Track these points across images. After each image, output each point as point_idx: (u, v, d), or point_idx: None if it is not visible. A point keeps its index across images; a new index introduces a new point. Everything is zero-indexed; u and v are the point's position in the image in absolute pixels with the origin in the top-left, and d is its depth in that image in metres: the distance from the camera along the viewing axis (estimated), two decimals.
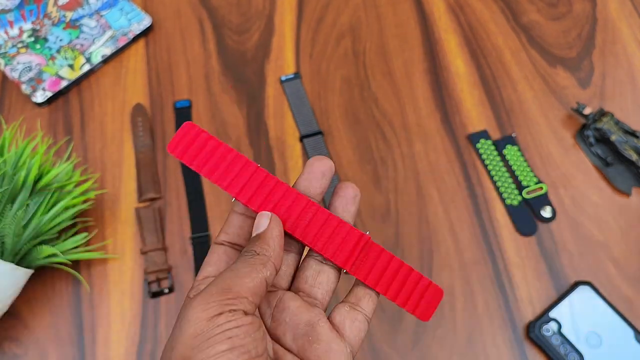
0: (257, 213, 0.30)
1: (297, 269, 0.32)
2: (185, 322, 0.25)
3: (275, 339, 0.30)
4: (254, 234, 0.29)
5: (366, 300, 0.31)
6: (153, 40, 0.66)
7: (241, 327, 0.25)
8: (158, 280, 0.52)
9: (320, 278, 0.31)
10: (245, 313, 0.25)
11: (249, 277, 0.26)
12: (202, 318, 0.25)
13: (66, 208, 0.51)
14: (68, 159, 0.59)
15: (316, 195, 0.31)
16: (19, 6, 0.67)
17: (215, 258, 0.31)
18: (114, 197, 0.57)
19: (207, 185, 0.57)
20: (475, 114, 0.61)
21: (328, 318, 0.30)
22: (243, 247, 0.31)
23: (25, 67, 0.62)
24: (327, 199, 0.56)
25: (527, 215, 0.55)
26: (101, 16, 0.66)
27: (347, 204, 0.32)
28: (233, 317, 0.25)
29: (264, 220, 0.29)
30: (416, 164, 0.58)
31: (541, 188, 0.56)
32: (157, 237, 0.54)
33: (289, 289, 0.32)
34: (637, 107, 0.61)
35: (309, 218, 0.30)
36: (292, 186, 0.31)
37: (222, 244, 0.31)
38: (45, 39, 0.64)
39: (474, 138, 0.59)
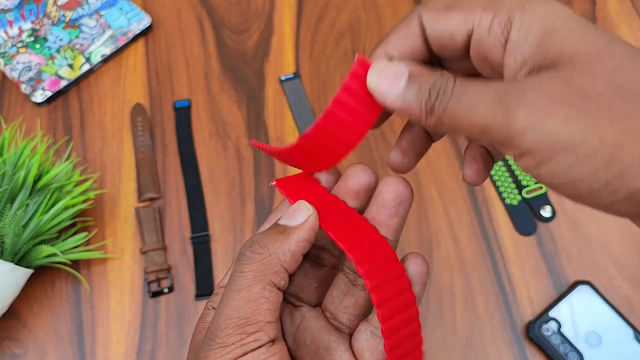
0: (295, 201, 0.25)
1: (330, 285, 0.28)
2: None
3: None
4: (280, 221, 0.24)
5: None
6: (152, 40, 0.66)
7: None
8: (158, 280, 0.52)
9: (347, 301, 0.27)
10: (272, 341, 0.22)
11: (263, 297, 0.22)
12: None
13: (66, 208, 0.51)
14: (68, 158, 0.59)
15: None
16: (19, 6, 0.67)
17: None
18: (114, 196, 0.57)
19: (207, 185, 0.57)
20: None
21: (351, 342, 0.26)
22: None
23: (25, 67, 0.62)
24: None
25: (527, 215, 0.55)
26: (101, 16, 0.66)
27: (385, 213, 0.26)
28: (262, 356, 0.21)
29: (301, 215, 0.24)
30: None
31: (541, 187, 0.56)
32: (157, 236, 0.54)
33: (318, 304, 0.28)
34: None
35: (357, 233, 0.25)
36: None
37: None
38: (45, 39, 0.64)
39: None
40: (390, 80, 0.22)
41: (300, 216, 0.24)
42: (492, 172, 0.57)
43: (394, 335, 0.24)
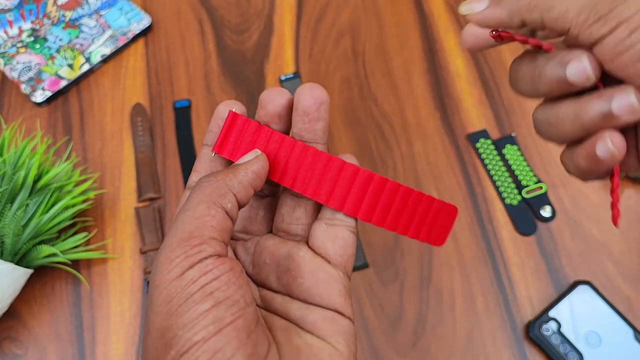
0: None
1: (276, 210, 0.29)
2: (153, 289, 0.21)
3: (261, 285, 0.27)
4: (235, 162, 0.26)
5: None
6: (152, 40, 0.66)
7: (221, 278, 0.21)
8: None
9: (297, 213, 0.28)
10: (219, 256, 0.22)
11: (208, 214, 0.23)
12: (170, 279, 0.21)
13: (66, 208, 0.51)
14: (67, 158, 0.59)
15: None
16: (19, 6, 0.67)
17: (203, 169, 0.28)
18: (114, 196, 0.57)
19: None
20: (474, 113, 0.61)
21: (308, 244, 0.27)
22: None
23: (25, 67, 0.62)
24: None
25: (527, 215, 0.55)
26: (100, 16, 0.66)
27: (309, 120, 0.27)
28: (208, 267, 0.21)
29: (250, 155, 0.26)
30: (416, 164, 0.58)
31: (541, 187, 0.56)
32: (157, 236, 0.54)
33: (269, 232, 0.29)
34: None
35: (295, 158, 0.27)
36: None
37: (190, 188, 0.28)
38: (45, 39, 0.64)
39: (473, 138, 0.59)
40: (477, 0, 0.26)
41: (250, 155, 0.26)
42: (492, 172, 0.58)
43: (382, 213, 0.26)
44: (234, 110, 0.27)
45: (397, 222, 0.26)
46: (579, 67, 0.23)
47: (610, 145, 0.23)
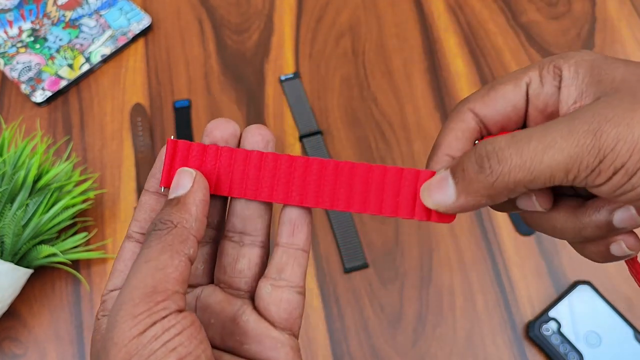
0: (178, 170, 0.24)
1: (217, 256, 0.27)
2: (111, 345, 0.20)
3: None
4: (170, 196, 0.23)
5: (290, 267, 0.25)
6: (152, 40, 0.66)
7: (183, 333, 0.20)
8: None
9: (240, 265, 0.26)
10: (180, 311, 0.21)
11: (171, 265, 0.21)
12: (131, 336, 0.20)
13: (66, 208, 0.51)
14: (67, 158, 0.59)
15: None
16: (18, 6, 0.67)
17: (124, 259, 0.25)
18: (114, 196, 0.57)
19: None
20: None
21: (254, 305, 0.26)
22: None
23: (25, 67, 0.62)
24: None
25: None
26: (100, 16, 0.66)
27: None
28: (170, 323, 0.20)
29: (186, 180, 0.24)
30: (416, 164, 0.58)
31: None
32: None
33: (211, 282, 0.27)
34: None
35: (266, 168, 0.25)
36: None
37: (131, 238, 0.25)
38: (45, 39, 0.64)
39: None
40: (439, 188, 0.23)
41: (186, 181, 0.24)
42: None
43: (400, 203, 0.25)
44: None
45: (395, 206, 0.25)
46: (627, 215, 0.22)
47: (624, 247, 0.23)
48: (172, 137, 0.27)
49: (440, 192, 0.23)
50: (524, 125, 0.24)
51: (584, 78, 0.22)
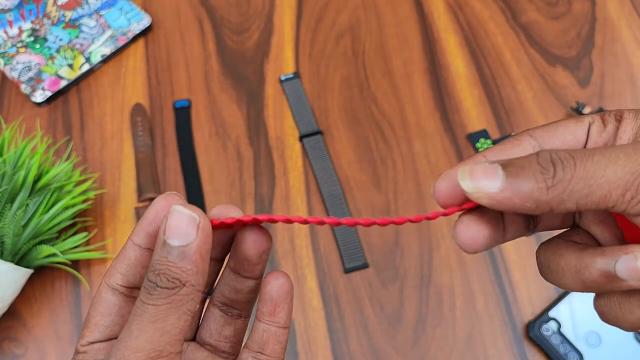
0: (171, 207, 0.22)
1: (201, 317, 0.27)
2: None
3: None
4: (171, 241, 0.21)
5: (271, 344, 0.26)
6: (152, 40, 0.66)
7: None
8: None
9: (226, 331, 0.26)
10: None
11: (177, 327, 0.21)
12: None
13: (66, 208, 0.51)
14: (67, 158, 0.59)
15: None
16: (19, 6, 0.67)
17: (107, 312, 0.23)
18: (114, 197, 0.57)
19: (207, 185, 0.57)
20: (474, 113, 0.61)
21: None
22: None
23: (25, 67, 0.62)
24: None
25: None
26: (100, 16, 0.66)
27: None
28: None
29: (190, 228, 0.21)
30: (416, 164, 0.58)
31: None
32: None
33: (193, 339, 0.27)
34: (637, 106, 0.61)
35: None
36: None
37: (115, 290, 0.23)
38: (45, 39, 0.64)
39: (473, 137, 0.59)
40: (486, 173, 0.21)
41: (191, 228, 0.21)
42: None
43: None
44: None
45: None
46: (631, 264, 0.20)
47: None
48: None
49: (486, 178, 0.20)
50: None
51: None
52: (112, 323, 0.23)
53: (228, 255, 0.27)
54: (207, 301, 0.27)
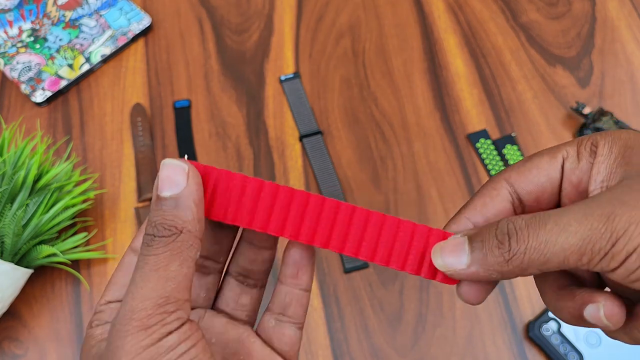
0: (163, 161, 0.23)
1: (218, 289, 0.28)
2: (122, 354, 0.20)
3: None
4: (162, 193, 0.22)
5: (293, 306, 0.26)
6: (152, 40, 0.66)
7: (197, 345, 0.21)
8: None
9: (243, 300, 0.27)
10: (192, 321, 0.21)
11: (181, 273, 0.21)
12: (145, 346, 0.20)
13: (66, 208, 0.51)
14: (67, 158, 0.59)
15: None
16: (19, 6, 0.67)
17: (128, 272, 0.25)
18: (114, 196, 0.57)
19: None
20: (474, 113, 0.61)
21: (256, 331, 0.27)
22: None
23: (25, 67, 0.62)
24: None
25: None
26: (100, 16, 0.66)
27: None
28: (185, 336, 0.20)
29: (179, 177, 0.22)
30: (416, 164, 0.58)
31: None
32: None
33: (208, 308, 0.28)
34: (637, 106, 0.61)
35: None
36: None
37: (137, 252, 0.25)
38: (45, 39, 0.64)
39: (473, 138, 0.59)
40: (453, 252, 0.23)
41: (180, 177, 0.22)
42: (492, 172, 0.57)
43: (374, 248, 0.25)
44: None
45: (404, 260, 0.24)
46: (595, 313, 0.22)
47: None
48: (186, 156, 0.26)
49: (453, 256, 0.23)
50: (558, 198, 0.24)
51: (615, 157, 0.22)
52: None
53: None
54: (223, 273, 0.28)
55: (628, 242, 0.19)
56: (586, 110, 0.59)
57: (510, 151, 0.58)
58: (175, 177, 0.22)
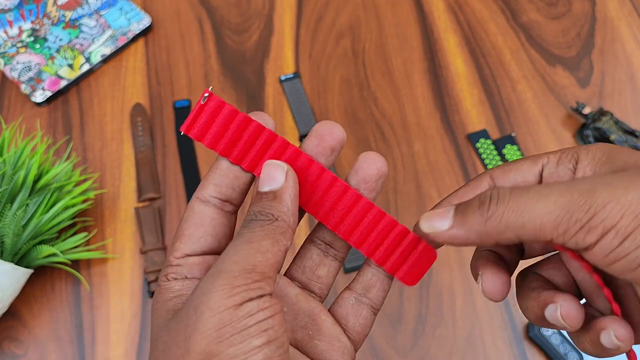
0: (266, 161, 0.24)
1: (296, 254, 0.29)
2: (206, 309, 0.21)
3: None
4: (263, 188, 0.24)
5: (376, 289, 0.27)
6: (152, 40, 0.66)
7: (275, 317, 0.21)
8: (158, 280, 0.52)
9: (320, 271, 0.28)
10: (272, 295, 0.22)
11: (271, 251, 0.22)
12: (227, 305, 0.20)
13: (66, 208, 0.51)
14: (67, 158, 0.59)
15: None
16: (19, 6, 0.67)
17: (199, 223, 0.25)
18: (114, 196, 0.57)
19: None
20: (474, 113, 0.61)
21: (330, 309, 0.27)
22: (237, 205, 0.26)
23: (25, 67, 0.62)
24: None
25: None
26: (100, 16, 0.66)
27: (366, 188, 0.26)
28: (265, 305, 0.21)
29: (279, 174, 0.24)
30: (416, 164, 0.58)
31: None
32: (157, 236, 0.54)
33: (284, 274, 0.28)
34: (636, 106, 0.61)
35: (329, 193, 0.26)
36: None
37: (207, 203, 0.25)
38: (45, 39, 0.64)
39: (473, 138, 0.59)
40: (439, 216, 0.24)
41: (279, 175, 0.24)
42: (489, 167, 0.57)
43: (397, 263, 0.27)
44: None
45: (375, 248, 0.26)
46: (553, 313, 0.23)
47: (613, 338, 0.22)
48: (210, 87, 0.26)
49: (438, 220, 0.24)
50: None
51: (599, 159, 0.23)
52: (205, 234, 0.25)
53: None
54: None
55: (606, 219, 0.19)
56: (586, 110, 0.59)
57: (510, 151, 0.58)
58: (276, 174, 0.24)
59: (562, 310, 0.22)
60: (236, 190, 0.25)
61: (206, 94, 0.24)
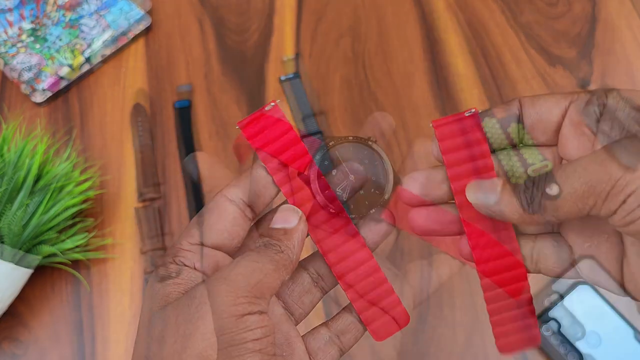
0: (281, 206, 0.27)
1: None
2: (209, 310, 0.22)
3: None
4: (276, 225, 0.26)
5: (350, 335, 0.29)
6: (152, 40, 0.66)
7: (269, 338, 0.23)
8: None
9: (305, 298, 0.29)
10: (267, 315, 0.24)
11: (272, 276, 0.24)
12: (230, 313, 0.22)
13: (66, 208, 0.51)
14: (67, 158, 0.59)
15: None
16: (19, 6, 0.67)
17: (223, 219, 0.26)
18: (114, 197, 0.57)
19: (207, 185, 0.57)
20: None
21: (304, 337, 0.28)
22: (256, 213, 0.28)
23: (25, 67, 0.62)
24: None
25: None
26: (101, 16, 0.66)
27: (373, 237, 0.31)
28: (263, 323, 0.23)
29: (293, 217, 0.26)
30: (416, 164, 0.58)
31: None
32: (157, 237, 0.54)
33: None
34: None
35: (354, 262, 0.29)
36: None
37: (233, 202, 0.27)
38: (45, 39, 0.64)
39: None
40: (488, 188, 0.25)
41: (293, 218, 0.26)
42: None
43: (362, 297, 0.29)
44: None
45: (360, 296, 0.28)
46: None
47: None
48: (278, 100, 0.29)
49: (486, 193, 0.25)
50: (556, 134, 0.26)
51: (629, 111, 0.23)
52: (224, 228, 0.26)
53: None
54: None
55: (629, 184, 0.21)
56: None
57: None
58: (290, 217, 0.26)
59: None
60: (260, 199, 0.27)
61: (272, 103, 0.27)
